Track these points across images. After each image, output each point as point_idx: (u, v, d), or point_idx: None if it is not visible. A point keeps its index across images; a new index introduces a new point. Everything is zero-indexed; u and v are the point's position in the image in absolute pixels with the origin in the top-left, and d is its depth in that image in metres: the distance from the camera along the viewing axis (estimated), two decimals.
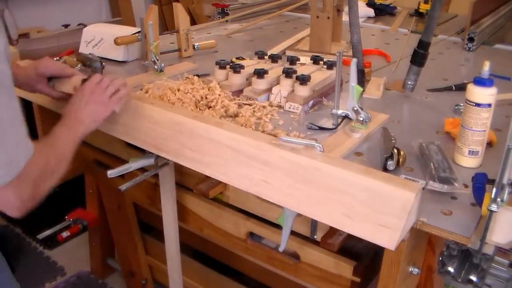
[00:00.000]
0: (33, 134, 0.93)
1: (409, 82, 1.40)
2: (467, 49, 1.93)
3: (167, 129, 1.10)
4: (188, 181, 1.33)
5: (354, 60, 1.12)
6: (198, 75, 1.44)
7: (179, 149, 1.08)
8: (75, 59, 1.58)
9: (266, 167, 0.94)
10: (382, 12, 2.60)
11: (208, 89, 1.31)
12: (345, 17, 1.61)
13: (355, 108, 1.14)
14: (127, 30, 1.69)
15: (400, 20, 2.42)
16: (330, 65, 1.43)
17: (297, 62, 1.47)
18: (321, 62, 1.46)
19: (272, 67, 1.44)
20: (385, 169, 0.98)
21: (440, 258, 0.89)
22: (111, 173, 1.17)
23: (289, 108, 1.28)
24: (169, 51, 1.73)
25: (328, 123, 1.20)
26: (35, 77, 1.20)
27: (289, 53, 1.78)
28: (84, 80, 1.14)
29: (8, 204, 0.89)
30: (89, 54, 1.57)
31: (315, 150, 0.92)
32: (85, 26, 1.85)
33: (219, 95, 1.28)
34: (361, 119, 1.15)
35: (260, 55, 1.54)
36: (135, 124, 1.16)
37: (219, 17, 2.40)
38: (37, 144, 0.91)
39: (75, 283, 2.06)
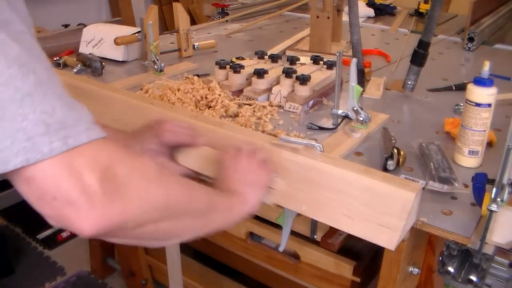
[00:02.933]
0: None
1: (409, 82, 1.40)
2: (467, 49, 1.93)
3: None
4: None
5: (354, 60, 1.12)
6: (198, 75, 1.44)
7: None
8: (75, 59, 1.59)
9: None
10: (382, 12, 2.60)
11: (208, 89, 1.31)
12: (345, 17, 1.61)
13: (355, 108, 1.14)
14: (127, 30, 1.69)
15: (400, 20, 2.42)
16: (330, 65, 1.43)
17: (297, 62, 1.47)
18: (321, 62, 1.46)
19: (272, 67, 1.44)
20: (385, 169, 0.98)
21: (440, 258, 0.89)
22: None
23: (289, 108, 1.28)
24: (169, 51, 1.73)
25: (328, 123, 1.20)
26: (155, 146, 0.92)
27: (289, 53, 1.78)
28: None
29: (81, 201, 0.51)
30: (89, 54, 1.58)
31: (315, 150, 0.92)
32: (85, 26, 1.85)
33: (219, 95, 1.28)
34: (361, 119, 1.15)
35: (260, 55, 1.54)
36: (135, 124, 1.16)
37: (219, 17, 2.40)
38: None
39: (75, 283, 2.05)
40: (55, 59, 1.59)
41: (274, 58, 1.49)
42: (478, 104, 1.00)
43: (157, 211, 0.59)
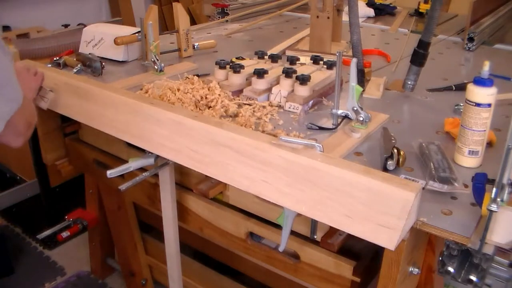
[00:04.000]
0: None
1: (409, 82, 1.40)
2: (467, 49, 1.93)
3: (167, 129, 1.10)
4: (188, 181, 1.33)
5: (354, 60, 1.12)
6: (198, 75, 1.44)
7: (179, 149, 1.08)
8: (75, 59, 1.58)
9: (266, 167, 0.94)
10: (382, 12, 2.60)
11: (208, 89, 1.31)
12: (345, 17, 1.61)
13: (355, 108, 1.14)
14: (127, 30, 1.69)
15: (400, 20, 2.42)
16: (330, 65, 1.43)
17: (297, 62, 1.47)
18: (321, 62, 1.46)
19: (272, 67, 1.44)
20: (385, 169, 0.98)
21: (440, 258, 0.89)
22: (111, 173, 1.17)
23: (289, 108, 1.28)
24: (169, 51, 1.73)
25: (328, 123, 1.20)
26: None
27: (289, 53, 1.78)
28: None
29: (18, 129, 1.07)
30: (89, 54, 1.58)
31: (315, 150, 0.92)
32: (85, 26, 1.85)
33: (219, 95, 1.28)
34: (361, 119, 1.15)
35: (260, 55, 1.54)
36: (135, 124, 1.16)
37: (219, 17, 2.40)
38: None
39: (75, 283, 2.05)
40: (55, 59, 1.59)
41: (274, 58, 1.49)
42: (478, 104, 1.00)
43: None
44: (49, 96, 1.34)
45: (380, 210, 0.81)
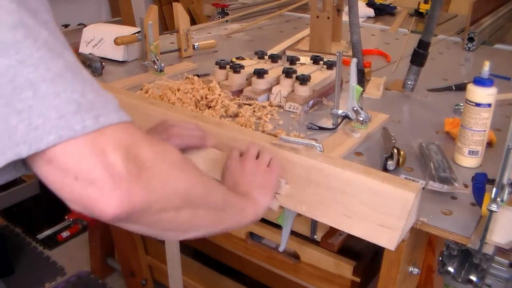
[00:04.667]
0: None
1: (409, 82, 1.40)
2: (467, 49, 1.93)
3: None
4: None
5: (354, 60, 1.12)
6: (198, 75, 1.44)
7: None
8: None
9: None
10: (382, 12, 2.60)
11: (208, 89, 1.31)
12: (345, 17, 1.61)
13: (355, 108, 1.14)
14: (127, 30, 1.69)
15: (400, 20, 2.41)
16: (330, 65, 1.43)
17: (297, 62, 1.47)
18: (321, 62, 1.46)
19: (272, 67, 1.44)
20: (385, 169, 0.98)
21: (440, 258, 0.89)
22: None
23: (289, 108, 1.28)
24: (169, 51, 1.73)
25: (328, 123, 1.20)
26: None
27: (289, 53, 1.78)
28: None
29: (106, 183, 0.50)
30: (89, 54, 1.58)
31: (315, 150, 0.92)
32: (85, 26, 1.85)
33: (219, 95, 1.28)
34: (361, 119, 1.15)
35: (260, 55, 1.54)
36: (135, 124, 1.16)
37: (219, 17, 2.40)
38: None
39: (75, 283, 2.05)
40: None
41: (274, 58, 1.49)
42: (478, 104, 1.00)
43: (179, 196, 0.59)
44: (281, 191, 0.91)
45: (380, 210, 0.81)
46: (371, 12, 2.54)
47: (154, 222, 0.58)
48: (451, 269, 0.87)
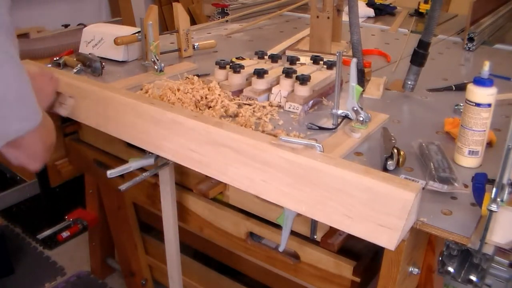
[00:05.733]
0: None
1: (409, 82, 1.40)
2: (467, 49, 1.93)
3: (167, 129, 1.10)
4: (188, 181, 1.33)
5: (354, 60, 1.12)
6: (198, 75, 1.44)
7: (179, 149, 1.08)
8: (75, 59, 1.58)
9: (266, 167, 0.94)
10: (382, 12, 2.60)
11: (208, 89, 1.31)
12: (345, 17, 1.61)
13: (355, 108, 1.14)
14: (127, 30, 1.69)
15: (400, 20, 2.42)
16: (330, 65, 1.43)
17: (297, 62, 1.47)
18: (321, 62, 1.46)
19: (272, 67, 1.44)
20: (385, 169, 0.98)
21: (440, 258, 0.89)
22: (111, 173, 1.17)
23: (289, 108, 1.28)
24: (169, 51, 1.73)
25: (328, 123, 1.20)
26: None
27: (289, 53, 1.78)
28: None
29: (35, 151, 0.97)
30: (89, 54, 1.58)
31: (315, 150, 0.92)
32: (85, 26, 1.85)
33: (219, 95, 1.28)
34: (361, 119, 1.15)
35: (260, 55, 1.54)
36: (135, 124, 1.16)
37: (219, 17, 2.40)
38: None
39: (75, 283, 2.05)
40: (55, 59, 1.59)
41: (274, 58, 1.49)
42: (478, 104, 1.00)
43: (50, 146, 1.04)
44: (68, 103, 1.26)
45: (380, 210, 0.81)
46: (371, 12, 2.54)
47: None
48: (451, 269, 0.87)
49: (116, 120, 1.19)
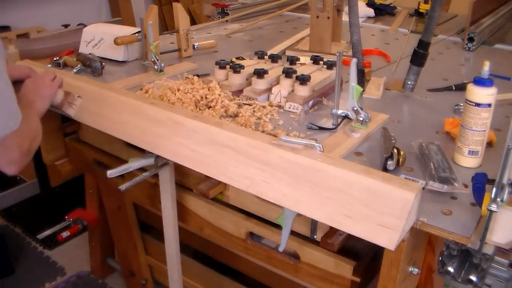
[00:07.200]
0: None
1: (409, 82, 1.40)
2: (467, 49, 1.93)
3: (167, 129, 1.10)
4: (188, 181, 1.33)
5: (354, 60, 1.12)
6: (198, 75, 1.44)
7: (179, 149, 1.08)
8: (75, 59, 1.58)
9: (266, 167, 0.94)
10: (382, 12, 2.60)
11: (208, 89, 1.31)
12: (345, 17, 1.61)
13: (355, 108, 1.14)
14: (127, 30, 1.69)
15: (400, 20, 2.42)
16: (330, 65, 1.43)
17: (297, 62, 1.47)
18: (321, 62, 1.46)
19: (272, 67, 1.44)
20: (385, 169, 0.98)
21: (440, 258, 0.89)
22: (111, 173, 1.17)
23: (289, 108, 1.28)
24: (169, 51, 1.73)
25: (328, 123, 1.20)
26: None
27: (289, 53, 1.78)
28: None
29: (11, 155, 0.98)
30: (89, 54, 1.58)
31: (315, 150, 0.92)
32: (85, 26, 1.85)
33: (219, 95, 1.28)
34: (361, 119, 1.15)
35: (260, 55, 1.54)
36: (135, 124, 1.16)
37: (219, 17, 2.40)
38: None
39: (75, 283, 2.05)
40: (55, 59, 1.59)
41: (274, 58, 1.49)
42: (478, 104, 1.00)
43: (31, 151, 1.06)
44: (77, 103, 1.26)
45: (380, 210, 0.81)
46: (371, 12, 2.54)
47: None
48: (451, 269, 0.87)
49: (116, 120, 1.19)
